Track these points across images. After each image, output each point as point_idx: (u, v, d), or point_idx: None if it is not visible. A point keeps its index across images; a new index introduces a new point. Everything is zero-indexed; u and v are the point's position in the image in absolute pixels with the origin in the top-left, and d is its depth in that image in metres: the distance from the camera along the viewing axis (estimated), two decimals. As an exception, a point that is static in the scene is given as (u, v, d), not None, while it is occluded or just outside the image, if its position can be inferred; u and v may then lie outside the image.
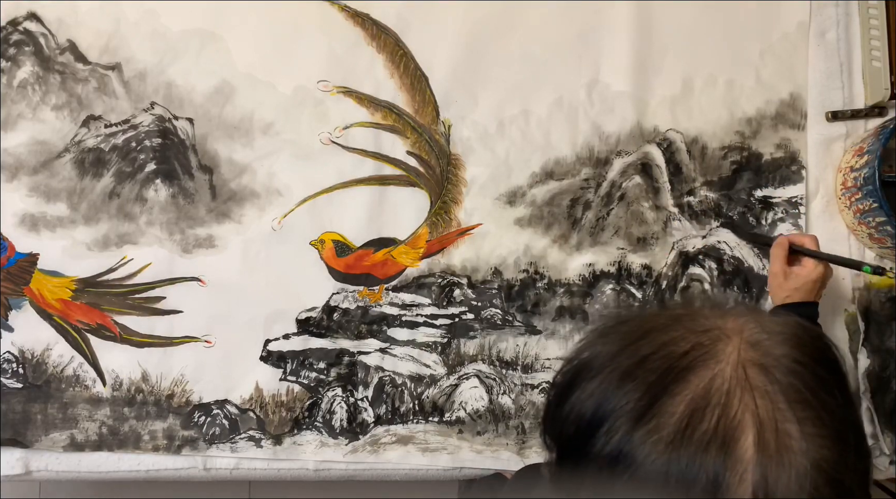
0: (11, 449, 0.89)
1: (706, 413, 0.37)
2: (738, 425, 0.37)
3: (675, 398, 0.38)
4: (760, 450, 0.36)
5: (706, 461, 0.36)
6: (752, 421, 0.37)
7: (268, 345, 0.91)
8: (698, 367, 0.39)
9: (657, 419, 0.38)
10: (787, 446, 0.36)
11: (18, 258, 0.91)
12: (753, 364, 0.39)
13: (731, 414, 0.37)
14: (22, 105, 0.92)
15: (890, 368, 0.90)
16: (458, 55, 0.94)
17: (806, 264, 0.81)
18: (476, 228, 0.93)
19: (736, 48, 0.95)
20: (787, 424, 0.37)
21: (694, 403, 0.37)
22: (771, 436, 0.36)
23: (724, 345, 0.40)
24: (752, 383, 0.38)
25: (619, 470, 0.38)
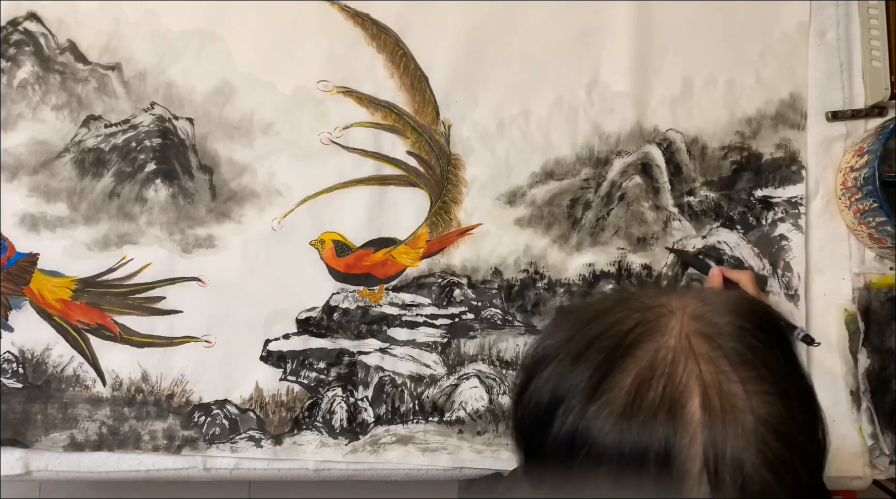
0: (11, 449, 0.89)
1: (652, 383, 0.38)
2: (684, 390, 0.38)
3: (623, 373, 0.39)
4: (707, 411, 0.37)
5: (656, 428, 0.37)
6: (697, 385, 0.38)
7: (268, 345, 0.92)
8: (643, 341, 0.40)
9: (608, 394, 0.39)
10: (733, 405, 0.38)
11: (18, 258, 0.91)
12: (697, 334, 0.40)
13: (677, 381, 0.38)
14: (22, 105, 0.92)
15: (890, 369, 0.90)
16: (458, 55, 0.94)
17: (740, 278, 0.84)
18: (476, 228, 0.93)
19: (736, 48, 0.95)
20: (731, 384, 0.38)
21: (640, 374, 0.39)
22: (716, 397, 0.38)
23: (667, 319, 0.41)
24: (696, 351, 0.39)
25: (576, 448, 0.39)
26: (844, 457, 0.89)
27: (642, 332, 0.41)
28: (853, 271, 0.92)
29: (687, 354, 0.39)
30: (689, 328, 0.41)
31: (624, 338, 0.41)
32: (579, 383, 0.40)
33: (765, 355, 0.40)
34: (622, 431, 0.38)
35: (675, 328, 0.41)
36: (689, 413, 0.37)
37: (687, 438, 0.37)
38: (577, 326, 0.43)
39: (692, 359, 0.39)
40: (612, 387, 0.39)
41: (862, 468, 0.89)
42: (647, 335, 0.40)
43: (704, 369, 0.39)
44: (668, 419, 0.37)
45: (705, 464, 0.37)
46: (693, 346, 0.40)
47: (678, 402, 0.38)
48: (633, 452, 0.37)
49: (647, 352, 0.40)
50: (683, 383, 0.38)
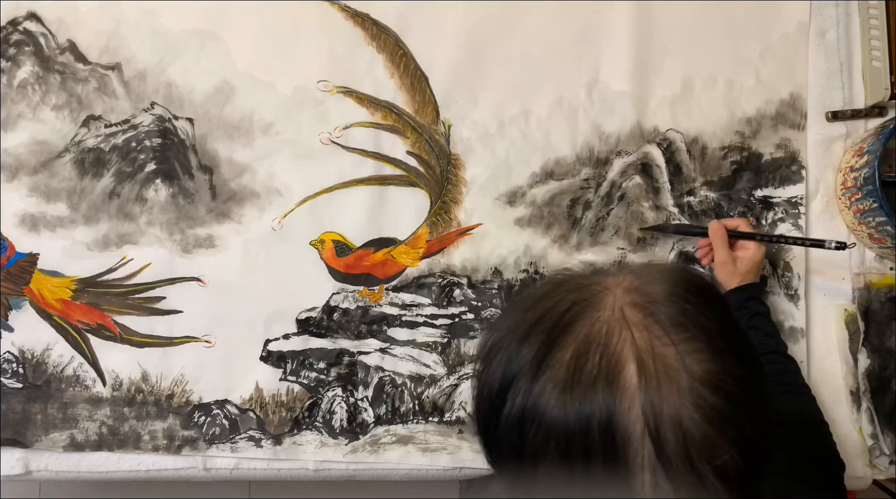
0: (11, 449, 0.89)
1: (589, 355, 0.40)
2: (620, 358, 0.40)
3: (563, 349, 0.41)
4: (643, 375, 0.39)
5: (596, 397, 0.39)
6: (632, 352, 0.40)
7: (268, 345, 0.92)
8: (580, 318, 0.42)
9: (549, 371, 0.41)
10: (667, 366, 0.39)
11: (18, 258, 0.91)
12: (630, 305, 0.42)
13: (612, 350, 0.40)
14: (22, 105, 0.92)
15: (890, 368, 0.90)
16: (458, 55, 0.94)
17: (748, 246, 0.84)
18: (476, 228, 0.93)
19: (736, 48, 0.95)
20: (664, 348, 0.40)
21: (578, 348, 0.41)
22: (650, 361, 0.39)
23: (603, 295, 0.43)
24: (630, 321, 0.41)
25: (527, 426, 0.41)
26: (844, 457, 0.89)
27: (579, 310, 0.43)
28: (853, 271, 0.92)
29: (621, 324, 0.41)
30: (623, 301, 0.42)
31: (562, 317, 0.42)
32: (524, 364, 0.42)
33: (696, 317, 0.42)
34: (566, 403, 0.39)
35: (610, 302, 0.43)
36: (625, 379, 0.39)
37: (626, 402, 0.38)
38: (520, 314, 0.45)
39: (626, 328, 0.41)
40: (553, 363, 0.41)
41: (862, 468, 0.89)
42: (584, 312, 0.42)
43: (638, 336, 0.40)
44: (607, 387, 0.39)
45: (646, 425, 0.38)
46: (626, 316, 0.41)
47: (615, 369, 0.39)
48: (578, 422, 0.39)
49: (584, 327, 0.41)
50: (618, 352, 0.40)
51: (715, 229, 0.85)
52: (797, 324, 0.91)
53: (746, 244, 0.85)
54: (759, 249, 0.84)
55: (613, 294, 0.43)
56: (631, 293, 0.43)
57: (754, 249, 0.84)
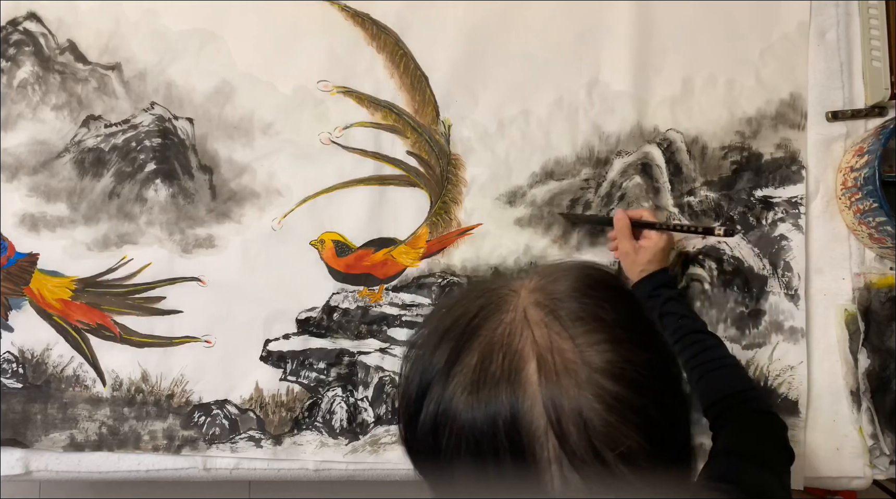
0: (11, 449, 0.89)
1: (493, 356, 0.41)
2: (521, 357, 0.41)
3: (470, 353, 0.42)
4: (543, 372, 0.40)
5: (500, 397, 0.40)
6: (532, 350, 0.41)
7: (268, 345, 0.91)
8: (487, 321, 0.43)
9: (458, 376, 0.42)
10: (566, 360, 0.40)
11: (18, 258, 0.91)
12: (533, 304, 0.43)
13: (514, 350, 0.41)
14: (22, 105, 0.92)
15: (890, 368, 0.90)
16: (458, 55, 0.94)
17: (650, 236, 0.85)
18: (476, 228, 0.93)
19: (736, 48, 0.95)
20: (562, 342, 0.41)
21: (483, 350, 0.42)
22: (549, 357, 0.40)
23: (510, 298, 0.44)
24: (531, 320, 0.42)
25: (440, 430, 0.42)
26: (844, 457, 0.89)
27: (486, 314, 0.44)
28: (853, 271, 0.92)
29: (523, 324, 0.42)
30: (527, 301, 0.44)
31: (469, 323, 0.44)
32: (436, 371, 0.43)
33: (595, 310, 0.43)
34: (473, 405, 0.41)
35: (515, 304, 0.44)
36: (526, 377, 0.40)
37: (528, 400, 0.39)
38: (434, 322, 0.46)
39: (527, 328, 0.42)
40: (461, 366, 0.42)
41: (862, 468, 0.89)
42: (489, 316, 0.44)
43: (538, 334, 0.41)
44: (510, 386, 0.40)
45: (549, 420, 0.39)
46: (528, 316, 0.43)
47: (517, 369, 0.40)
48: (485, 423, 0.40)
49: (489, 330, 0.43)
50: (520, 351, 0.41)
51: (617, 220, 0.87)
52: (797, 324, 0.91)
53: (649, 234, 0.85)
54: (661, 238, 0.85)
55: (519, 295, 0.44)
56: (535, 293, 0.44)
57: (656, 238, 0.85)
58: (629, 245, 0.85)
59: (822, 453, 0.89)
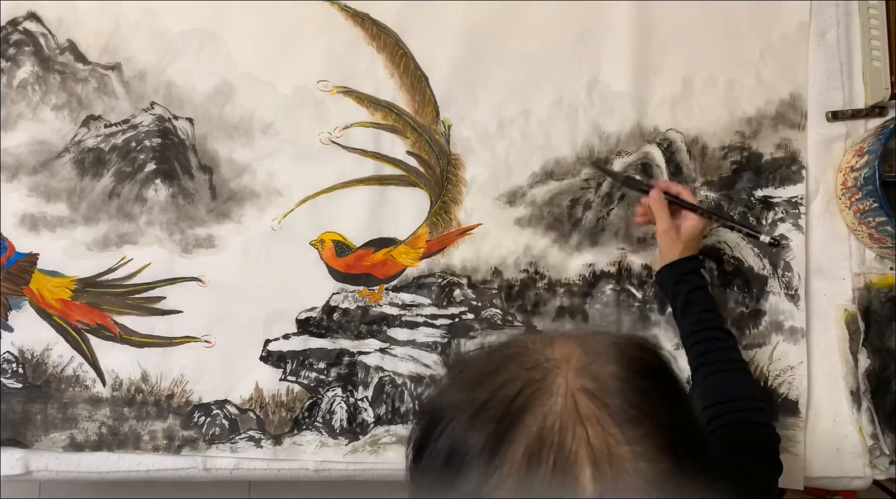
0: (11, 449, 0.89)
1: (542, 456, 0.38)
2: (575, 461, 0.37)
3: (514, 445, 0.38)
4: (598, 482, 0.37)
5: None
6: (587, 454, 0.38)
7: (268, 345, 0.91)
8: (531, 405, 0.40)
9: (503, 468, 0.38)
10: (622, 470, 0.37)
11: (18, 258, 0.91)
12: (582, 391, 0.40)
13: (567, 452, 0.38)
14: (22, 105, 0.92)
15: (890, 369, 0.90)
16: (458, 55, 0.94)
17: (688, 217, 0.83)
18: (476, 228, 0.93)
19: (736, 48, 0.95)
20: (619, 448, 0.38)
21: (530, 448, 0.38)
22: (606, 465, 0.37)
23: (553, 377, 0.41)
24: (582, 414, 0.39)
25: None
26: (844, 457, 0.89)
27: (529, 394, 0.40)
28: (853, 271, 0.92)
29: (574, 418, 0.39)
30: (574, 385, 0.40)
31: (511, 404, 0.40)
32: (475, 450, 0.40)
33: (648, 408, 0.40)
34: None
35: (562, 387, 0.40)
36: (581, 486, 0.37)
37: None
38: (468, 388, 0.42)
39: (580, 424, 0.39)
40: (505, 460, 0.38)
41: (862, 468, 0.89)
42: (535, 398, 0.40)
43: (592, 434, 0.38)
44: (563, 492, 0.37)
45: None
46: (579, 407, 0.39)
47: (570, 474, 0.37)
48: None
49: (536, 418, 0.39)
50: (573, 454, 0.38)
51: (654, 195, 0.83)
52: (797, 324, 0.91)
53: (689, 215, 0.83)
54: (701, 221, 0.83)
55: (564, 375, 0.41)
56: (581, 376, 0.41)
57: (696, 221, 0.82)
58: (668, 223, 0.82)
59: (822, 453, 0.89)
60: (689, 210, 0.83)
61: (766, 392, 0.90)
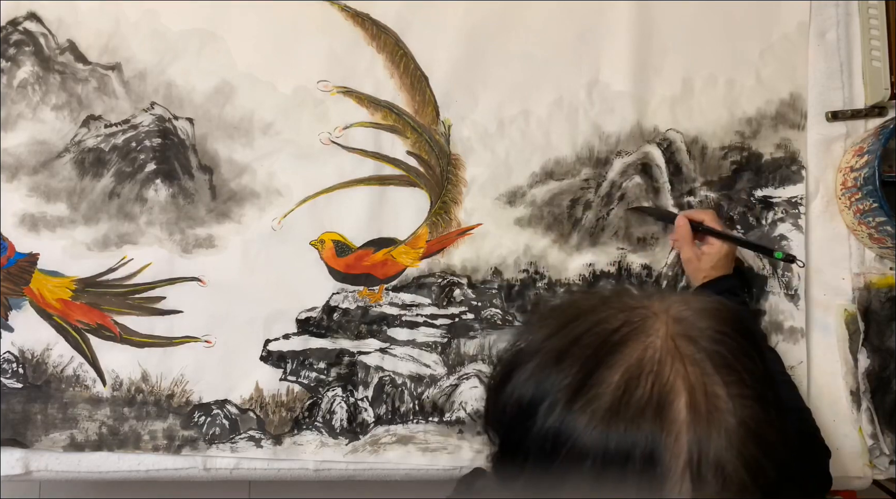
0: (11, 449, 0.89)
1: (641, 380, 0.39)
2: (672, 389, 0.39)
3: (611, 369, 0.40)
4: (692, 411, 0.38)
5: (643, 425, 0.38)
6: (684, 385, 0.39)
7: (268, 345, 0.92)
8: (630, 340, 0.41)
9: (595, 390, 0.39)
10: (716, 407, 0.39)
11: (18, 258, 0.91)
12: (681, 336, 0.41)
13: (664, 380, 0.39)
14: (22, 105, 0.92)
15: (890, 368, 0.90)
16: (458, 55, 0.94)
17: (712, 242, 0.83)
18: (476, 228, 0.93)
19: (736, 48, 0.95)
20: (715, 387, 0.40)
21: (629, 371, 0.40)
22: (701, 398, 0.39)
23: (652, 321, 0.42)
24: (682, 352, 0.40)
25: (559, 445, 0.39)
26: (844, 457, 0.89)
27: (629, 331, 0.42)
28: (853, 271, 0.92)
29: (673, 354, 0.40)
30: (673, 330, 0.42)
31: (610, 336, 0.41)
32: (563, 379, 0.40)
33: (744, 360, 0.41)
34: (609, 427, 0.38)
35: (661, 330, 0.42)
36: (675, 412, 0.38)
37: (673, 436, 0.38)
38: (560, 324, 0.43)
39: (678, 360, 0.40)
40: (598, 383, 0.40)
41: (862, 468, 0.89)
42: (634, 335, 0.41)
43: (690, 370, 0.40)
44: (656, 417, 0.38)
45: (688, 463, 0.38)
46: (679, 347, 0.41)
47: (666, 400, 0.39)
48: (619, 449, 0.38)
49: (635, 350, 0.40)
50: (671, 383, 0.39)
51: (679, 226, 0.84)
52: (797, 324, 0.91)
53: (713, 240, 0.83)
54: (723, 245, 0.83)
55: (662, 321, 0.42)
56: (680, 324, 0.42)
57: (719, 245, 0.82)
58: (691, 252, 0.83)
59: (822, 453, 0.89)
60: (711, 235, 0.83)
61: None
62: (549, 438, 0.40)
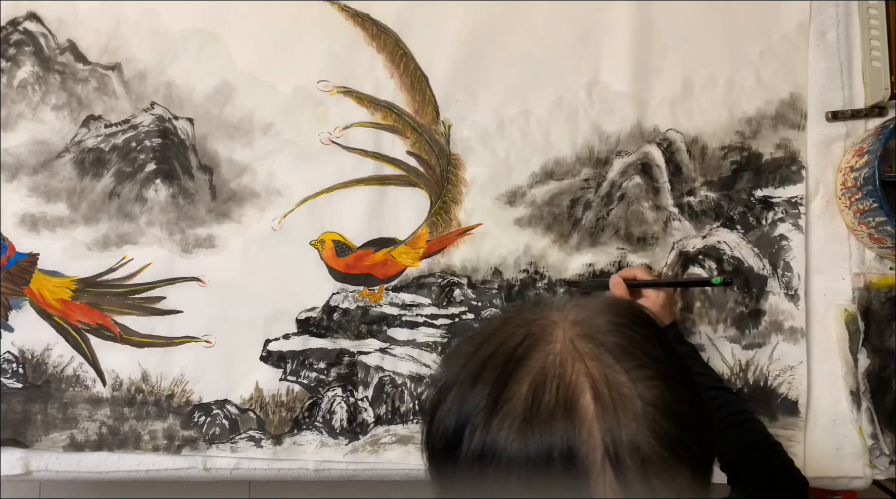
0: (11, 449, 0.89)
1: (546, 386, 0.41)
2: (576, 387, 0.41)
3: (519, 383, 0.42)
4: (599, 403, 0.40)
5: (556, 428, 0.40)
6: (587, 381, 0.41)
7: (268, 345, 0.92)
8: (533, 351, 0.43)
9: (507, 405, 0.41)
10: (621, 394, 0.41)
11: (18, 258, 0.91)
12: (579, 336, 0.43)
13: (568, 381, 0.41)
14: (22, 105, 0.92)
15: (890, 368, 0.90)
16: (458, 55, 0.94)
17: (648, 295, 0.85)
18: (476, 228, 0.93)
19: (736, 48, 0.95)
20: (616, 375, 0.41)
21: (535, 380, 0.42)
22: (605, 389, 0.41)
23: (551, 329, 0.44)
24: (581, 351, 0.43)
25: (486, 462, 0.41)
26: (844, 457, 0.89)
27: (530, 343, 0.44)
28: (853, 271, 0.92)
29: (573, 355, 0.42)
30: (571, 333, 0.44)
31: (514, 352, 0.43)
32: (480, 401, 0.42)
33: (643, 345, 0.43)
34: (526, 436, 0.40)
35: (560, 335, 0.44)
36: (583, 408, 0.40)
37: (586, 431, 0.40)
38: (471, 352, 0.45)
39: (578, 359, 0.42)
40: (509, 398, 0.41)
41: (862, 468, 0.89)
42: (535, 345, 0.43)
43: (591, 366, 0.42)
44: (566, 417, 0.40)
45: (606, 452, 0.39)
46: (577, 347, 0.43)
47: (572, 399, 0.40)
48: (539, 454, 0.40)
49: (538, 359, 0.42)
50: (574, 382, 0.41)
51: (613, 286, 0.86)
52: (797, 324, 0.91)
53: (647, 292, 0.85)
54: (660, 295, 0.84)
55: (561, 327, 0.44)
56: (578, 325, 0.44)
57: (654, 296, 0.84)
58: None
59: (822, 453, 0.89)
60: (647, 287, 0.85)
61: (766, 392, 0.90)
62: (476, 459, 0.42)
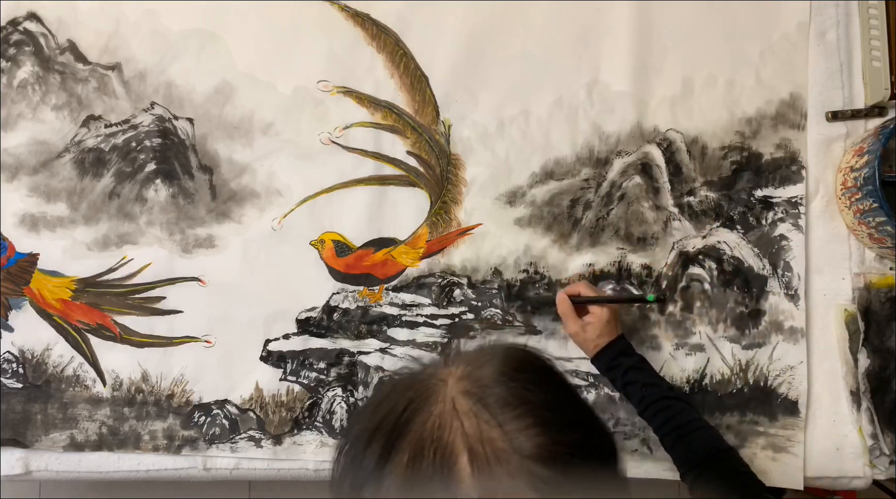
0: (11, 449, 0.89)
1: (424, 454, 0.41)
2: (452, 450, 0.40)
3: (400, 453, 0.41)
4: (475, 464, 0.39)
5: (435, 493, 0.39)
6: (463, 442, 0.40)
7: (268, 345, 0.92)
8: (416, 415, 0.43)
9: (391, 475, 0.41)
10: (496, 449, 0.40)
11: (18, 258, 0.91)
12: (462, 393, 0.43)
13: (445, 444, 0.40)
14: (22, 105, 0.92)
15: (890, 368, 0.90)
16: (458, 55, 0.94)
17: (594, 311, 0.85)
18: (476, 228, 0.93)
19: (736, 48, 0.95)
20: (491, 431, 0.41)
21: (414, 450, 0.41)
22: (480, 448, 0.40)
23: (437, 388, 0.44)
24: (460, 410, 0.42)
25: None
26: (844, 457, 0.89)
27: (414, 408, 0.43)
28: (853, 271, 0.92)
29: (452, 415, 0.42)
30: (455, 391, 0.43)
31: (397, 421, 0.43)
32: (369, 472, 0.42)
33: (521, 393, 0.43)
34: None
35: (444, 393, 0.43)
36: (459, 471, 0.39)
37: (463, 492, 0.39)
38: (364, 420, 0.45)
39: (456, 418, 0.41)
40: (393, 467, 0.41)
41: (862, 468, 0.89)
42: (419, 409, 0.43)
43: (467, 425, 0.41)
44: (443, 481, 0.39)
45: None
46: (457, 406, 0.42)
47: (449, 463, 0.40)
48: None
49: (419, 426, 0.42)
50: (451, 444, 0.40)
51: (559, 303, 0.87)
52: (797, 324, 0.91)
53: (593, 309, 0.85)
54: (604, 310, 0.84)
55: (447, 385, 0.44)
56: (462, 381, 0.44)
57: (599, 312, 0.84)
58: (576, 325, 0.85)
59: (822, 453, 0.89)
60: (590, 303, 0.85)
61: (766, 392, 0.90)
62: None
